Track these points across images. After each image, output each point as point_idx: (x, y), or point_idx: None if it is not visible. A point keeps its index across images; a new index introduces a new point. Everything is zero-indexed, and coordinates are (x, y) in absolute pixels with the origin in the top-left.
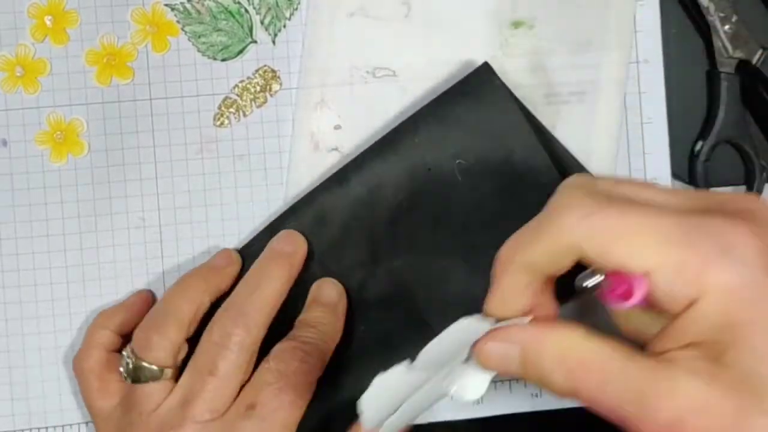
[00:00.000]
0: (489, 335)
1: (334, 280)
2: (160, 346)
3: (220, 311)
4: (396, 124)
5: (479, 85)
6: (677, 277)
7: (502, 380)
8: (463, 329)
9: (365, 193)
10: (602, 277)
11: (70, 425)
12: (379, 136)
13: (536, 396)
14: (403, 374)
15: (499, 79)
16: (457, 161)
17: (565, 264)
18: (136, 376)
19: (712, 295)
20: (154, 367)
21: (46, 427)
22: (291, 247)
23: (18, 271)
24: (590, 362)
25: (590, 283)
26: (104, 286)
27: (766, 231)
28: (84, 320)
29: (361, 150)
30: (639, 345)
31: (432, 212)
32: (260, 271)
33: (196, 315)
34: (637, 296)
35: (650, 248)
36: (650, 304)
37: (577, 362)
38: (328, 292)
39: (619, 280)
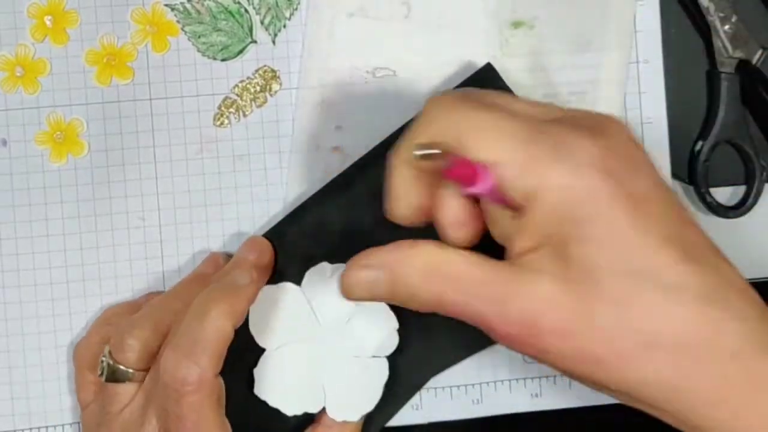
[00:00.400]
0: (350, 263)
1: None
2: (132, 348)
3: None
4: (397, 124)
5: (482, 86)
6: (520, 171)
7: (502, 380)
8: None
9: (367, 198)
10: (437, 152)
11: (70, 425)
12: (380, 136)
13: (536, 396)
14: (290, 290)
15: (502, 80)
16: None
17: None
18: (111, 375)
19: (549, 192)
20: (125, 368)
21: (46, 427)
22: (254, 254)
23: (18, 271)
24: (453, 272)
25: (420, 152)
26: (104, 286)
27: (612, 144)
28: (84, 320)
29: (363, 151)
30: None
31: None
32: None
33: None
34: (482, 184)
35: (498, 143)
36: (500, 200)
37: (441, 273)
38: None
39: (464, 164)
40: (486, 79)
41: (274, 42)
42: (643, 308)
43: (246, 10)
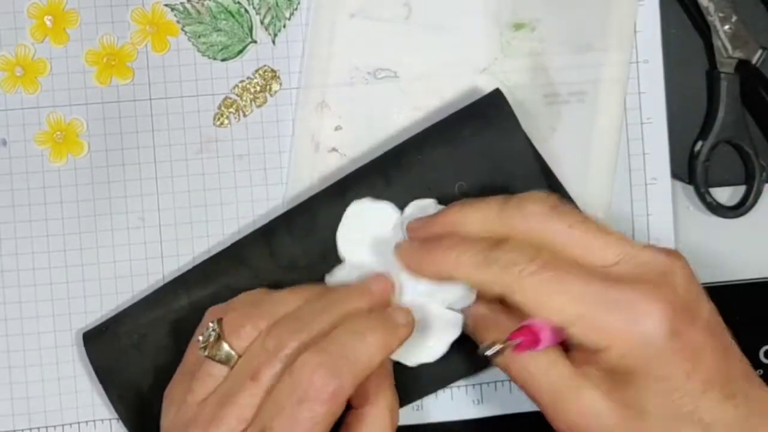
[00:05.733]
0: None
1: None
2: (249, 336)
3: (283, 320)
4: (397, 125)
5: (488, 110)
6: (591, 333)
7: (502, 381)
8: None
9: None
10: (501, 346)
11: (70, 425)
12: (380, 137)
13: None
14: (376, 208)
15: (509, 106)
16: (458, 183)
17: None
18: (212, 351)
19: (617, 350)
20: (232, 352)
21: (46, 427)
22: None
23: (18, 271)
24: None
25: (491, 351)
26: (104, 286)
27: (676, 296)
28: (84, 321)
29: (362, 151)
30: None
31: None
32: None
33: None
34: (545, 342)
35: (573, 308)
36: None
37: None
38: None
39: (525, 332)
40: (494, 105)
41: (274, 42)
42: None
43: (246, 10)
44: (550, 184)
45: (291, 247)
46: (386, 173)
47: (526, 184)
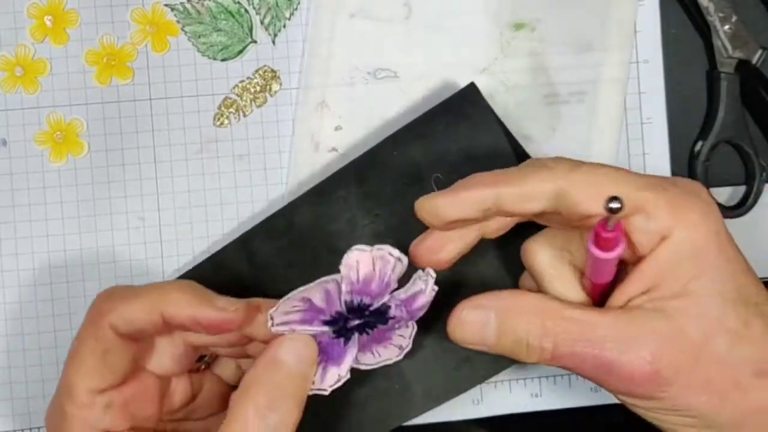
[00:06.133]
0: (464, 303)
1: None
2: None
3: None
4: (397, 125)
5: (463, 103)
6: (655, 217)
7: (502, 380)
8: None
9: (340, 207)
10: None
11: None
12: (380, 137)
13: (536, 396)
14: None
15: (484, 100)
16: (434, 175)
17: (528, 207)
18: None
19: (682, 231)
20: None
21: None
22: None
23: (18, 271)
24: (569, 315)
25: (614, 206)
26: (104, 286)
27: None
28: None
29: (362, 151)
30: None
31: (407, 224)
32: None
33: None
34: (619, 249)
35: (631, 194)
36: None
37: (556, 317)
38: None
39: (613, 230)
40: (468, 98)
41: (274, 42)
42: (754, 337)
43: (246, 10)
44: None
45: (268, 250)
46: (361, 172)
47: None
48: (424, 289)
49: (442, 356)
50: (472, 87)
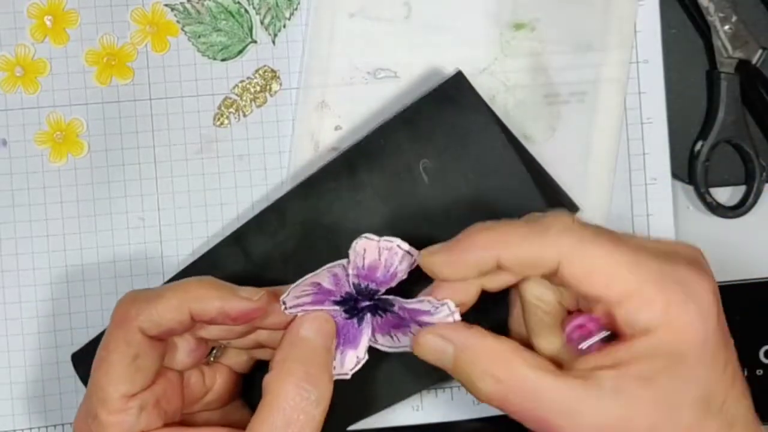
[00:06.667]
0: (429, 328)
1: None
2: None
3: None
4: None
5: (449, 90)
6: (645, 310)
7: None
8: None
9: (331, 199)
10: (598, 338)
11: (70, 424)
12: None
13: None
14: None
15: (473, 88)
16: (422, 161)
17: (530, 272)
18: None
19: (669, 330)
20: None
21: (46, 427)
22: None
23: (18, 271)
24: (524, 374)
25: (587, 344)
26: (104, 286)
27: (713, 280)
28: (84, 320)
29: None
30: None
31: (400, 213)
32: None
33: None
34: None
35: (627, 284)
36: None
37: (511, 372)
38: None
39: (589, 323)
40: (456, 87)
41: (274, 42)
42: None
43: (246, 10)
44: (519, 151)
45: (264, 246)
46: (350, 163)
47: (494, 155)
48: (431, 312)
49: None
50: (459, 75)
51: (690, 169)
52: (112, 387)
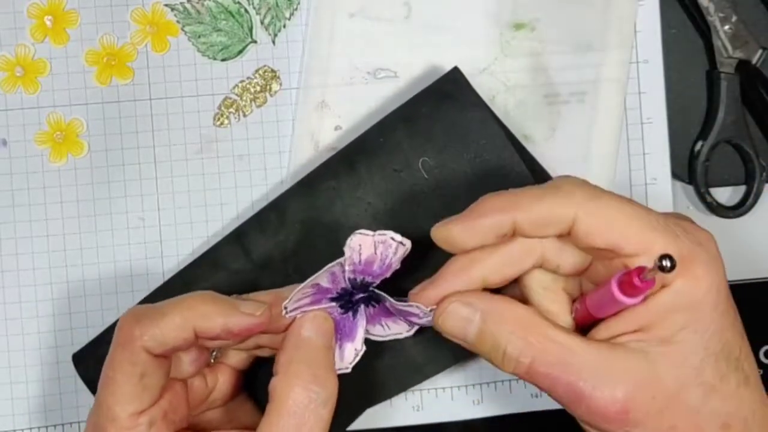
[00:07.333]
0: (454, 295)
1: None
2: None
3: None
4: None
5: (446, 87)
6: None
7: (502, 380)
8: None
9: (331, 197)
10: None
11: (70, 424)
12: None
13: (536, 396)
14: None
15: (469, 84)
16: (422, 159)
17: (545, 232)
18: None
19: (685, 279)
20: None
21: (46, 427)
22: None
23: (18, 271)
24: (553, 336)
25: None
26: (104, 285)
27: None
28: (84, 320)
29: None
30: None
31: (399, 210)
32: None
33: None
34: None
35: (642, 234)
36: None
37: (539, 334)
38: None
39: (638, 276)
40: (454, 83)
41: (274, 42)
42: (728, 392)
43: (246, 10)
44: (517, 148)
45: (264, 245)
46: (350, 160)
47: (493, 151)
48: (420, 316)
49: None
50: (455, 70)
51: (690, 169)
52: (119, 407)
